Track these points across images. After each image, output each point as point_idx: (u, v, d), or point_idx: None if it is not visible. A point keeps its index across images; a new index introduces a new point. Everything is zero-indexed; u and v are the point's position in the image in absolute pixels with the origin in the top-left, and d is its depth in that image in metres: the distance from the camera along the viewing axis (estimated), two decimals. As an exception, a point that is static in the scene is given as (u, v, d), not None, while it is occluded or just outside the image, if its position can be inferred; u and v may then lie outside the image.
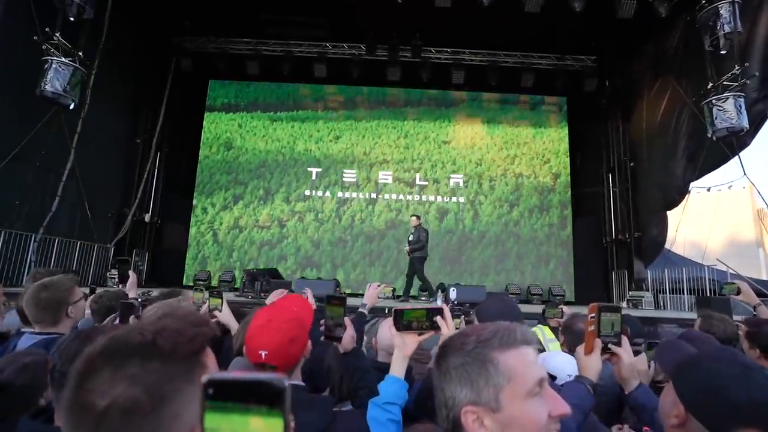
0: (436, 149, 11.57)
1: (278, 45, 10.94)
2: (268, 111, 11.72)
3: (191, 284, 9.71)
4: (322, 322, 1.65)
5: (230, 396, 0.41)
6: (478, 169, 11.45)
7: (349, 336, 1.63)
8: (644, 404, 1.29)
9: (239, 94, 11.75)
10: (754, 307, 2.36)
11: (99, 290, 3.05)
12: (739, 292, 2.42)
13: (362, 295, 2.61)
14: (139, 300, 3.13)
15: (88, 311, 2.95)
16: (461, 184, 11.32)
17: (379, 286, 2.43)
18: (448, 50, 10.96)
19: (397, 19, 9.97)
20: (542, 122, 11.73)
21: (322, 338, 1.63)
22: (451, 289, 6.40)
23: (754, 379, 0.89)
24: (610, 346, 1.28)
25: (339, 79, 11.21)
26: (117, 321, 2.04)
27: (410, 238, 7.86)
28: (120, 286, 3.04)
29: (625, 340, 1.31)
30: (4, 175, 6.56)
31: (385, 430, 1.24)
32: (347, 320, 1.65)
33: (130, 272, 3.24)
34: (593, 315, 1.27)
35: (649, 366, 1.80)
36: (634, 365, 1.32)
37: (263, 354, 1.20)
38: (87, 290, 3.06)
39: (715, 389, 0.91)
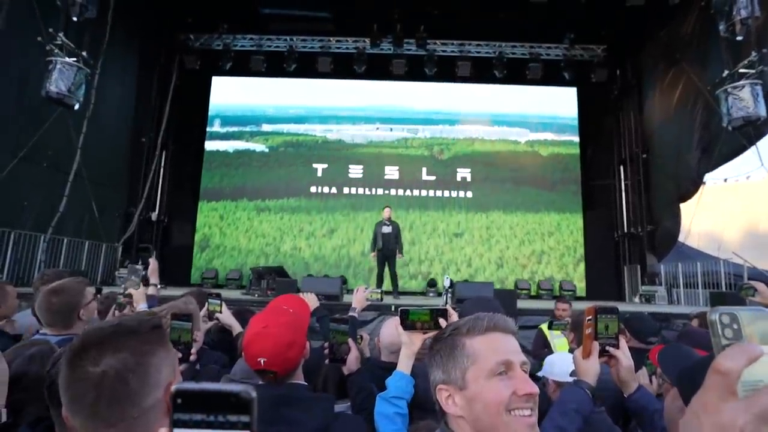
0: (447, 244, 10.21)
1: (282, 40, 10.87)
2: (255, 198, 10.51)
3: (199, 282, 9.77)
4: (325, 344, 1.68)
5: (198, 406, 0.41)
6: (500, 272, 9.91)
7: (353, 357, 1.65)
8: (645, 406, 1.27)
9: (224, 177, 10.76)
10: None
11: (105, 290, 3.08)
12: (756, 292, 2.32)
13: None
14: (158, 287, 3.13)
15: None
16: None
17: (366, 289, 2.43)
18: (454, 42, 10.78)
19: (402, 11, 9.85)
20: (564, 206, 10.48)
21: (327, 361, 1.66)
22: (446, 277, 6.27)
23: None
24: (608, 348, 1.27)
25: (343, 74, 11.07)
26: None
27: (387, 231, 7.31)
28: (143, 272, 3.13)
29: (623, 342, 1.28)
30: (13, 177, 6.60)
31: (391, 423, 1.31)
32: (351, 342, 1.66)
33: (151, 259, 3.24)
34: (590, 318, 1.26)
35: (651, 381, 1.71)
36: (633, 367, 1.30)
37: (262, 361, 1.22)
38: (93, 290, 3.10)
39: None
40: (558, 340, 4.10)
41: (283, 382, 1.25)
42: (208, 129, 11.10)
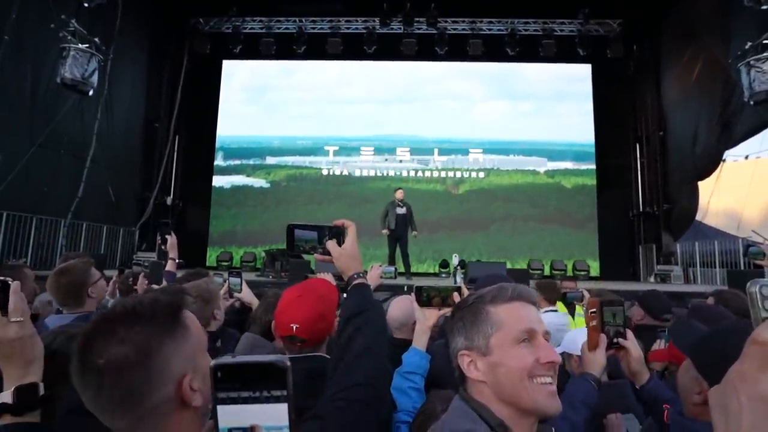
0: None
1: (291, 22, 10.77)
2: (245, 244, 9.87)
3: (214, 265, 9.94)
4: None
5: (237, 379, 0.43)
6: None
7: None
8: (657, 397, 1.28)
9: (215, 219, 10.45)
10: None
11: (127, 271, 3.16)
12: (765, 257, 2.30)
13: None
14: (177, 261, 3.18)
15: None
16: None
17: (380, 266, 2.44)
18: (465, 20, 10.56)
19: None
20: (596, 250, 9.86)
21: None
22: (454, 256, 6.29)
23: None
24: (616, 340, 1.27)
25: (354, 55, 10.94)
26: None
27: (401, 212, 7.34)
28: (162, 247, 3.21)
29: (630, 333, 1.29)
30: (32, 164, 6.75)
31: (406, 397, 1.33)
32: None
33: (169, 236, 3.29)
34: (593, 310, 1.27)
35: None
36: (642, 358, 1.31)
37: (294, 327, 1.25)
38: (116, 272, 3.18)
39: None
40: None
41: (309, 352, 1.28)
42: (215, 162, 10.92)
